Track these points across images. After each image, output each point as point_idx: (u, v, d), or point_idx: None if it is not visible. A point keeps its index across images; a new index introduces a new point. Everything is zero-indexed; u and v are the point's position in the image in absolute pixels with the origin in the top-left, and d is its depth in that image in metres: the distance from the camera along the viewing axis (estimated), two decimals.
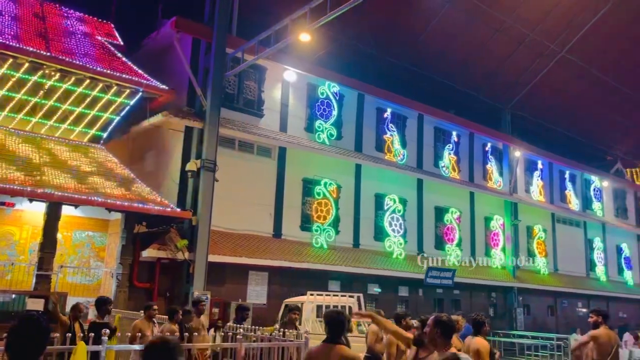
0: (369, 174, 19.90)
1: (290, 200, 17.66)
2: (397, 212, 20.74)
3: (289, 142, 17.27)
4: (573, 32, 23.80)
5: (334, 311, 4.44)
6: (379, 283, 19.20)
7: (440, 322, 4.11)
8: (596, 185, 31.46)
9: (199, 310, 8.95)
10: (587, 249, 30.13)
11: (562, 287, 26.29)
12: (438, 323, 4.11)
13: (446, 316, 4.22)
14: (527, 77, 25.47)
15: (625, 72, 27.57)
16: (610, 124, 31.61)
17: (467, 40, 23.19)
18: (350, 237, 19.31)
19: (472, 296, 22.71)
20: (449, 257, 22.03)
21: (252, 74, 17.40)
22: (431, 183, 21.89)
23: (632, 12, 24.05)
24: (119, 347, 8.27)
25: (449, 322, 4.13)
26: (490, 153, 25.32)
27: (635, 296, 31.42)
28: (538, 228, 26.95)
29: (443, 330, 4.07)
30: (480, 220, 24.30)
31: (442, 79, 24.05)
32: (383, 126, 21.07)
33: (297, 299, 13.81)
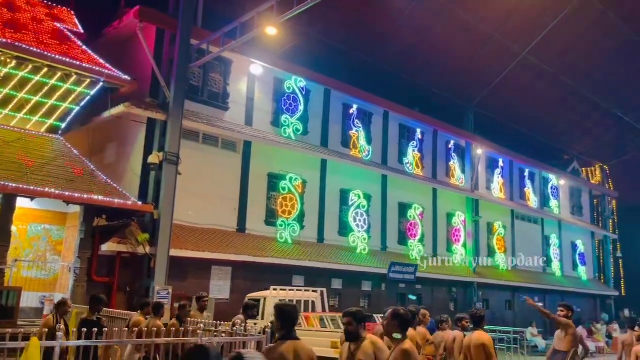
0: (334, 169, 19.97)
1: (255, 194, 17.56)
2: (361, 207, 20.90)
3: (254, 136, 17.16)
4: (534, 34, 24.41)
5: (290, 305, 4.28)
6: (342, 278, 19.32)
7: (398, 315, 4.18)
8: (554, 184, 32.45)
9: (201, 306, 8.85)
10: (544, 245, 31.07)
11: (519, 282, 27.04)
12: (396, 316, 4.17)
13: (404, 309, 4.32)
14: (490, 76, 26.00)
15: (583, 74, 28.50)
16: (568, 124, 32.66)
17: (432, 38, 23.49)
18: (315, 232, 19.35)
19: (434, 291, 23.11)
20: (412, 252, 22.37)
21: (218, 66, 17.19)
22: (395, 179, 22.14)
23: (589, 17, 24.84)
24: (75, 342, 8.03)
25: (406, 315, 4.23)
26: (453, 150, 25.78)
27: (588, 291, 32.64)
28: (498, 224, 27.63)
29: (400, 323, 4.13)
30: (443, 216, 24.75)
31: (408, 76, 24.33)
32: (349, 122, 21.17)
33: (260, 293, 13.78)
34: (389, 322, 4.18)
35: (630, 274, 36.56)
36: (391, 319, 4.18)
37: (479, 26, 23.52)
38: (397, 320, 4.16)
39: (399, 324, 4.16)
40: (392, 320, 4.17)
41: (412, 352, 4.06)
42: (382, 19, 21.79)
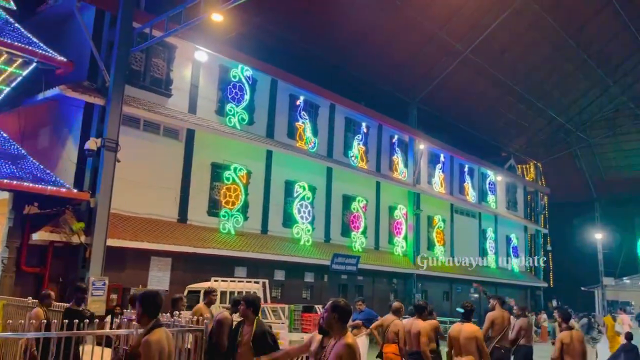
0: (280, 160, 19.89)
1: (198, 184, 17.23)
2: (306, 199, 20.95)
3: (197, 125, 16.80)
4: (476, 34, 25.18)
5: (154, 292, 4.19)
6: (285, 269, 19.34)
7: (338, 307, 4.00)
8: (491, 179, 33.71)
9: (209, 300, 8.42)
10: (481, 238, 32.28)
11: (457, 273, 27.98)
12: (336, 308, 4.00)
13: (343, 301, 4.10)
14: (434, 73, 26.62)
15: (521, 74, 29.73)
16: (506, 122, 34.00)
17: (379, 34, 23.77)
18: (259, 223, 19.24)
19: (375, 282, 23.55)
20: (354, 243, 22.67)
21: (161, 51, 16.68)
22: (340, 172, 22.32)
23: (528, 20, 25.91)
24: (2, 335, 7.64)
25: (346, 307, 4.05)
26: (397, 145, 26.26)
27: (520, 282, 34.24)
28: (438, 218, 28.44)
29: (340, 315, 3.98)
30: (385, 209, 25.20)
31: (354, 70, 24.54)
32: (295, 113, 21.12)
33: (200, 284, 13.57)
34: (329, 315, 3.99)
35: (558, 266, 38.66)
36: (331, 311, 3.98)
37: (424, 24, 24.01)
38: (337, 312, 3.97)
39: (339, 316, 3.98)
40: (332, 312, 3.97)
41: (355, 346, 3.89)
42: (329, 12, 21.82)
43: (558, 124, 36.25)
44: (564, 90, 33.20)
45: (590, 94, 34.63)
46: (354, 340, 3.93)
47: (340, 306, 4.02)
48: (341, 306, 4.02)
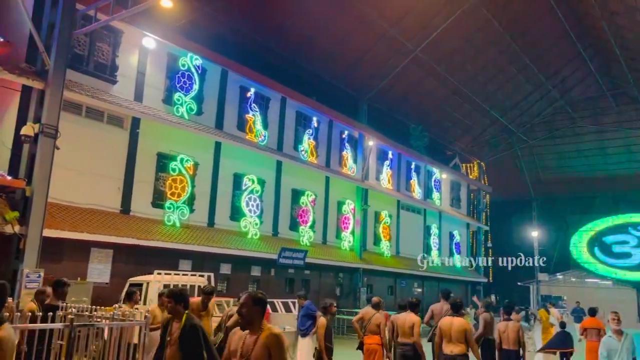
0: (228, 152, 19.61)
1: (142, 174, 16.74)
2: (255, 192, 20.78)
3: (143, 113, 16.28)
4: (427, 34, 25.66)
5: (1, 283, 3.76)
6: (232, 263, 19.13)
7: (260, 300, 3.74)
8: (436, 177, 34.57)
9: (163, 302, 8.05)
10: (425, 234, 33.08)
11: (401, 268, 28.58)
12: (259, 301, 3.72)
13: (261, 293, 3.84)
14: (385, 71, 26.96)
15: (468, 75, 30.57)
16: (452, 121, 34.91)
17: (331, 29, 23.82)
18: (206, 216, 18.93)
19: (322, 276, 23.69)
20: (302, 238, 22.70)
21: (107, 36, 16.05)
22: (290, 165, 22.26)
23: (476, 23, 26.64)
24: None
25: (265, 299, 3.81)
26: (346, 141, 26.45)
27: (461, 277, 35.36)
28: (385, 214, 28.91)
29: (263, 309, 3.73)
30: (334, 204, 25.37)
31: (306, 64, 24.50)
32: (246, 105, 20.86)
33: (142, 277, 13.22)
34: (251, 309, 3.68)
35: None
36: (252, 304, 3.68)
37: (376, 21, 24.24)
38: (260, 306, 3.70)
39: (262, 310, 3.71)
40: (254, 306, 3.68)
41: (283, 336, 3.71)
42: (283, 5, 21.67)
43: (501, 125, 37.57)
44: (507, 93, 34.43)
45: (531, 97, 36.08)
46: (279, 331, 3.76)
47: (262, 299, 3.77)
48: (263, 299, 3.77)
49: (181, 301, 5.22)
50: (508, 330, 8.65)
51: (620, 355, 6.93)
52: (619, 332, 7.10)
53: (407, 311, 8.28)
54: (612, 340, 7.15)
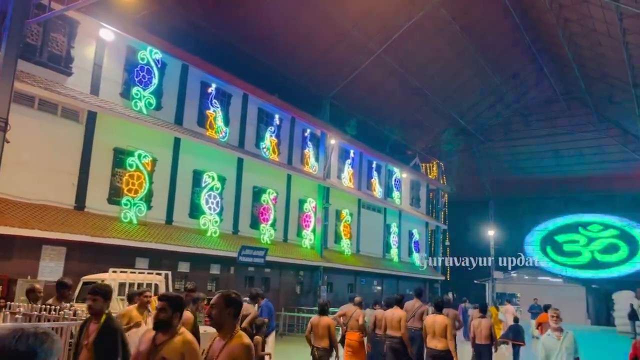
0: (188, 148, 19.28)
1: (98, 170, 16.26)
2: (215, 189, 20.52)
3: (100, 107, 15.82)
4: (389, 34, 25.91)
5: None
6: (190, 261, 18.84)
7: (233, 301, 3.47)
8: (397, 176, 35.02)
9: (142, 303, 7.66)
10: (385, 233, 33.46)
11: (362, 266, 28.82)
12: (231, 302, 3.44)
13: (235, 293, 3.56)
14: (347, 70, 27.08)
15: (428, 77, 31.06)
16: (413, 122, 35.41)
17: (294, 26, 23.76)
18: (164, 213, 18.57)
19: (282, 274, 23.62)
20: (263, 236, 22.57)
21: (62, 26, 15.50)
22: (251, 163, 22.09)
23: (437, 24, 27.08)
24: None
25: (239, 300, 3.55)
26: (309, 139, 26.46)
27: (420, 275, 35.94)
28: (346, 212, 29.07)
29: (236, 311, 3.46)
30: (295, 202, 25.33)
31: (269, 61, 24.34)
32: (206, 101, 20.57)
33: (97, 276, 12.85)
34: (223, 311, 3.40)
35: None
36: (225, 306, 3.40)
37: (339, 20, 24.32)
38: (233, 307, 3.43)
39: (235, 312, 3.46)
40: (226, 307, 3.40)
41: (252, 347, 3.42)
42: (245, 1, 21.46)
43: (460, 126, 38.36)
44: (466, 94, 35.18)
45: (489, 99, 37.01)
46: (249, 341, 3.48)
47: (236, 300, 3.48)
48: (236, 300, 3.48)
49: (109, 299, 4.69)
50: (481, 326, 9.65)
51: (560, 355, 6.30)
52: (558, 330, 6.51)
53: (395, 307, 9.12)
54: (551, 339, 6.50)
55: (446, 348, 7.99)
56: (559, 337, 6.43)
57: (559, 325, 6.53)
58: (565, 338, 6.42)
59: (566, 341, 6.39)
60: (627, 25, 21.42)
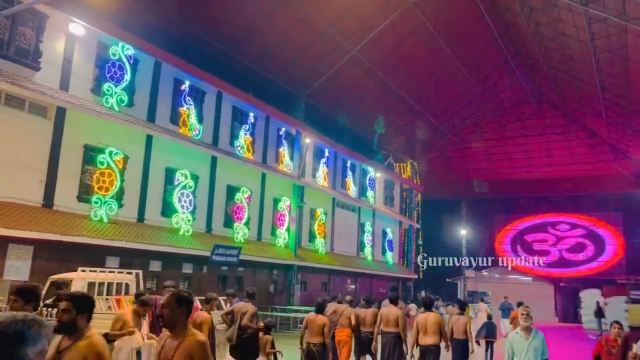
0: (160, 146, 19.03)
1: (67, 167, 15.93)
2: (188, 188, 20.30)
3: (69, 103, 15.48)
4: (364, 34, 26.04)
5: None
6: (162, 260, 18.61)
7: (184, 300, 3.36)
8: (371, 176, 35.22)
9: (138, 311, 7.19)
10: (359, 231, 33.63)
11: (336, 265, 28.90)
12: (183, 301, 3.34)
13: (187, 292, 3.47)
14: (322, 69, 27.12)
15: (403, 77, 31.31)
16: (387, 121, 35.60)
17: (270, 24, 23.66)
18: (135, 211, 18.29)
19: (256, 273, 23.53)
20: (237, 234, 22.45)
21: (30, 19, 15.12)
22: (225, 161, 21.92)
23: (411, 25, 27.32)
24: None
25: (191, 298, 3.46)
26: (283, 137, 26.40)
27: (393, 274, 36.25)
28: (320, 211, 29.11)
29: (188, 310, 3.35)
30: (270, 200, 25.25)
31: (244, 59, 24.21)
32: (180, 98, 20.34)
33: (66, 275, 12.57)
34: (174, 310, 3.29)
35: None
36: (177, 305, 3.29)
37: (315, 19, 24.33)
38: (185, 306, 3.34)
39: (187, 311, 3.35)
40: (179, 306, 3.30)
41: (207, 344, 3.35)
42: None
43: (434, 126, 38.78)
44: (440, 95, 35.57)
45: (462, 100, 37.49)
46: (204, 338, 3.41)
47: (187, 299, 3.39)
48: (187, 299, 3.40)
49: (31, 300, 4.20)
50: (459, 323, 10.09)
51: (527, 355, 6.05)
52: (527, 330, 6.19)
53: (390, 305, 9.71)
54: (519, 338, 6.20)
55: (437, 343, 8.53)
56: (528, 337, 6.13)
57: (528, 324, 6.20)
58: (534, 338, 6.12)
59: (534, 342, 6.09)
60: (595, 29, 21.96)
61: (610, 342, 6.95)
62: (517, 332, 6.30)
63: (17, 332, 1.80)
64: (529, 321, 6.23)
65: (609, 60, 24.49)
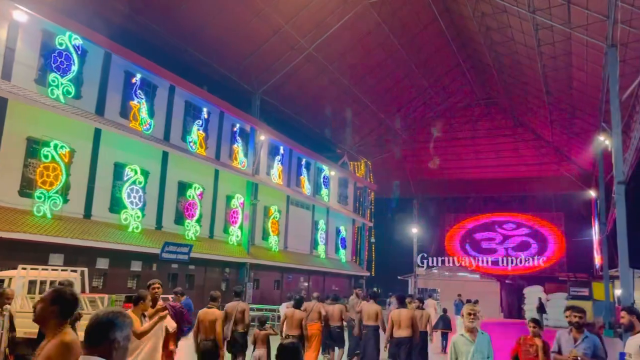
0: (109, 140, 18.47)
1: (8, 160, 15.23)
2: (137, 183, 19.80)
3: (11, 93, 14.77)
4: (320, 32, 26.08)
5: None
6: (110, 257, 18.07)
7: (62, 299, 3.06)
8: (326, 174, 35.37)
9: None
10: (313, 229, 33.72)
11: (289, 263, 28.88)
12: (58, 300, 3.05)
13: (70, 291, 3.16)
14: (278, 66, 26.98)
15: (358, 76, 31.58)
16: (342, 120, 35.86)
17: (225, 19, 23.34)
18: (82, 207, 17.69)
19: (207, 271, 23.21)
20: (188, 232, 22.07)
21: None
22: (177, 157, 21.51)
23: (367, 26, 27.59)
24: None
25: (72, 299, 3.12)
26: (238, 134, 26.13)
27: (346, 272, 36.56)
28: (274, 208, 29.00)
29: (63, 309, 3.05)
30: (222, 197, 24.95)
31: (198, 53, 23.79)
32: (130, 92, 19.79)
33: (5, 273, 12.05)
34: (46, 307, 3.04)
35: (379, 257, 42.12)
36: (50, 303, 3.04)
37: (272, 15, 24.17)
38: (59, 305, 3.04)
39: (61, 310, 3.05)
40: (50, 304, 3.03)
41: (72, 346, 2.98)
42: None
43: (387, 126, 39.33)
44: (394, 96, 36.09)
45: (416, 101, 38.17)
46: (72, 339, 3.03)
47: (66, 298, 3.09)
48: (66, 298, 3.09)
49: None
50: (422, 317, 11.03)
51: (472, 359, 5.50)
52: (472, 331, 5.57)
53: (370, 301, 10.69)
54: (464, 340, 5.57)
55: (410, 335, 9.30)
56: (473, 339, 5.50)
57: (474, 326, 5.57)
58: (479, 340, 5.51)
59: (480, 344, 5.49)
60: (541, 36, 22.80)
61: (527, 342, 6.50)
62: (462, 333, 5.63)
63: (110, 320, 2.54)
64: (475, 322, 5.58)
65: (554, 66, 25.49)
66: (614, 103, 16.68)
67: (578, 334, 5.89)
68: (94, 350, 2.50)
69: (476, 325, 5.62)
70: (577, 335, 5.87)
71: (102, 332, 2.52)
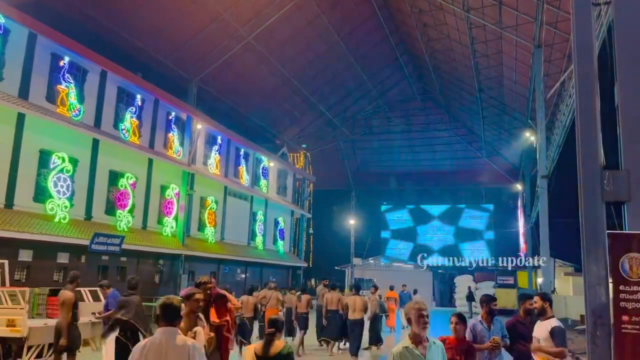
0: (34, 126, 17.47)
1: None
2: (65, 172, 18.88)
3: None
4: (260, 22, 25.82)
5: None
6: (33, 249, 17.16)
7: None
8: (265, 165, 35.18)
9: None
10: (251, 220, 33.50)
11: (225, 254, 28.56)
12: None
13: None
14: (216, 55, 26.49)
15: (299, 68, 31.56)
16: (282, 111, 35.82)
17: (161, 4, 22.64)
18: (2, 196, 16.66)
19: (140, 263, 22.55)
20: (120, 222, 21.34)
21: None
22: (108, 145, 20.67)
23: (307, 17, 27.60)
24: None
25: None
26: (173, 122, 25.45)
27: (284, 263, 36.62)
28: (211, 199, 28.54)
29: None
30: (157, 187, 24.26)
31: (132, 38, 22.95)
32: (58, 75, 18.77)
33: None
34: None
35: (317, 248, 42.53)
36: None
37: (210, 2, 23.65)
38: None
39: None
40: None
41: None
42: None
43: (326, 118, 39.62)
44: (333, 88, 36.40)
45: (355, 94, 38.67)
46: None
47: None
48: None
49: None
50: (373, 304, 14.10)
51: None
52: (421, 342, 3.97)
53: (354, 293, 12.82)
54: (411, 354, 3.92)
55: (361, 317, 12.16)
56: (423, 353, 3.91)
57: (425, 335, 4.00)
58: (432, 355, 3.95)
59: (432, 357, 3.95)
60: (475, 34, 23.66)
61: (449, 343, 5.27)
62: (407, 346, 3.95)
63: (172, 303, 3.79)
64: (426, 330, 3.99)
65: (486, 64, 26.53)
66: (538, 101, 17.59)
67: (489, 321, 5.88)
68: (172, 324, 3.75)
69: (426, 334, 4.03)
70: (489, 323, 5.88)
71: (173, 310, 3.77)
